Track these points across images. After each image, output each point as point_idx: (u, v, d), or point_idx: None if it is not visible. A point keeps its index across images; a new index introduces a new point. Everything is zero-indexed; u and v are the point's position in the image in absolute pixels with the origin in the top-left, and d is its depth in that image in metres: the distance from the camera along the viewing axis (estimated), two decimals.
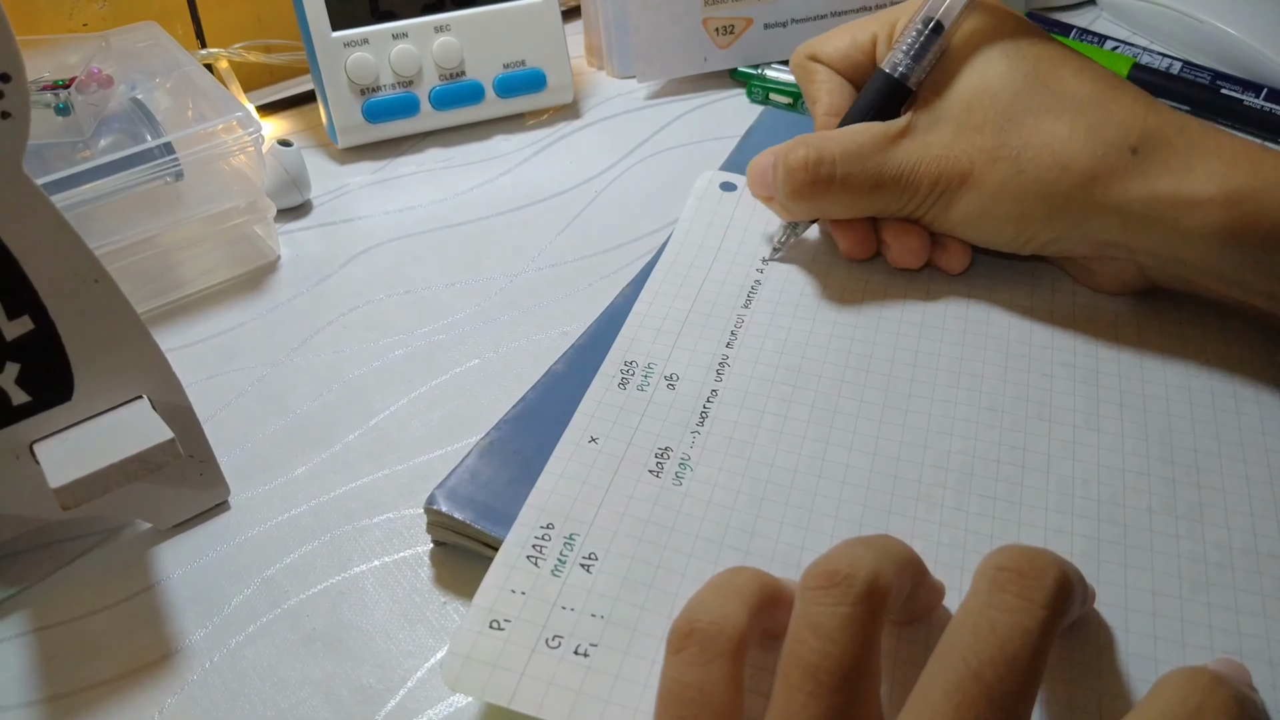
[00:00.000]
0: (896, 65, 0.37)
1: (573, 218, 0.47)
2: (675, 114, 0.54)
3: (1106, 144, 0.34)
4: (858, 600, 0.23)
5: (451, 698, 0.29)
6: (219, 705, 0.29)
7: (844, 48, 0.41)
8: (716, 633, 0.23)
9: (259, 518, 0.34)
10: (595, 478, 0.32)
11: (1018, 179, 0.35)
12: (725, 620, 0.24)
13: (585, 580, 0.29)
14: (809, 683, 0.22)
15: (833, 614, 0.23)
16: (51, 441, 0.29)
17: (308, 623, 0.31)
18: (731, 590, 0.25)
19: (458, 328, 0.41)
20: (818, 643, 0.22)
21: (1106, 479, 0.32)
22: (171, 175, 0.40)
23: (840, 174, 0.37)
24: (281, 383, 0.39)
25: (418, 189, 0.49)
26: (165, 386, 0.31)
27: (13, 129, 0.25)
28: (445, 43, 0.50)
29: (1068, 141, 0.34)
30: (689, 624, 0.24)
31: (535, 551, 0.30)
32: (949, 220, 0.37)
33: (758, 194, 0.40)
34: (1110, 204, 0.34)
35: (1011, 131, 0.35)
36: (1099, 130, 0.34)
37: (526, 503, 0.31)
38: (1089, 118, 0.35)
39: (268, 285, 0.44)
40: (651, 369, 0.36)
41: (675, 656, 0.24)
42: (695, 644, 0.23)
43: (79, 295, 0.28)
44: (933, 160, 0.36)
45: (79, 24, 0.52)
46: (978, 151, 0.36)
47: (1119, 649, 0.28)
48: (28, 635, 0.31)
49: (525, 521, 0.30)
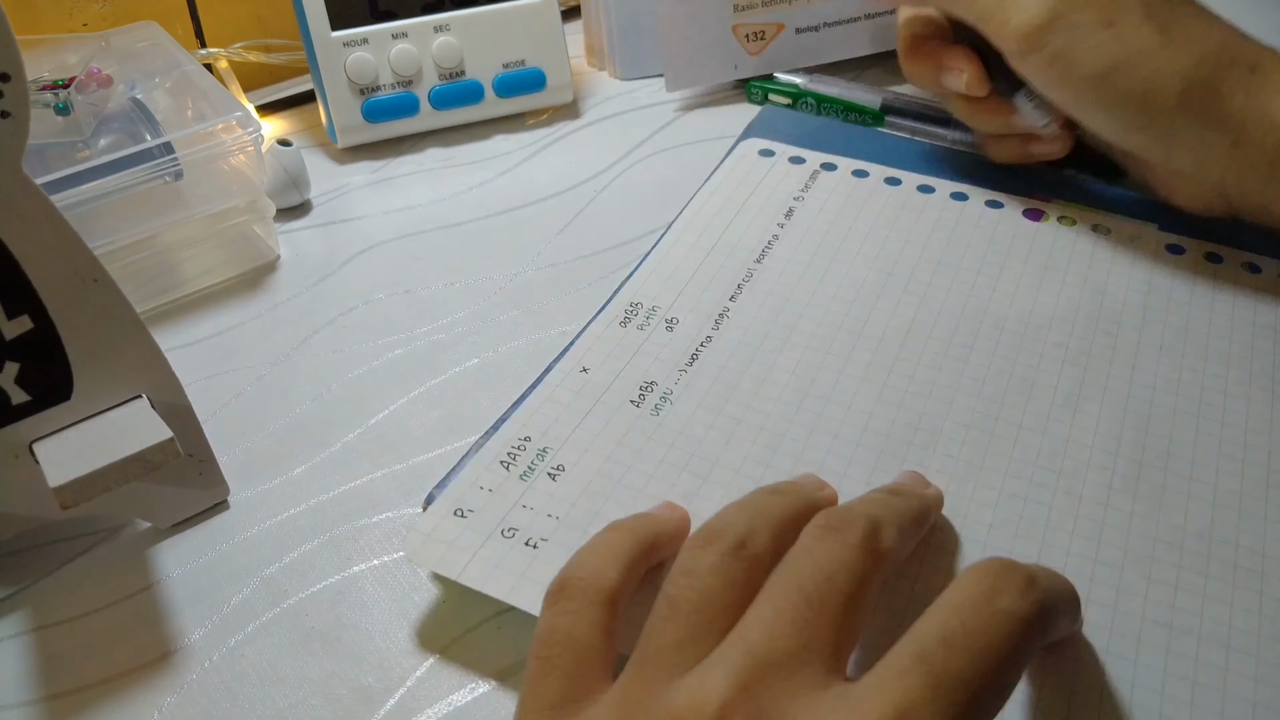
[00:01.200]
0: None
1: (572, 217, 0.47)
2: (675, 114, 0.54)
3: (1233, 57, 0.35)
4: (726, 553, 0.25)
5: (451, 696, 0.29)
6: (218, 704, 0.29)
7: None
8: (587, 587, 0.25)
9: (258, 517, 0.34)
10: (579, 403, 0.34)
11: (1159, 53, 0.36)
12: (597, 576, 0.26)
13: (549, 486, 0.32)
14: (667, 609, 0.24)
15: (703, 560, 0.25)
16: (51, 441, 0.30)
17: (307, 622, 0.31)
18: (606, 549, 0.27)
19: (457, 327, 0.41)
20: (684, 580, 0.25)
21: (1072, 453, 0.33)
22: (171, 175, 0.40)
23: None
24: (281, 382, 0.39)
25: (417, 189, 0.49)
26: (164, 386, 0.31)
27: (12, 128, 0.25)
28: (445, 42, 0.50)
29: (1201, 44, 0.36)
30: (563, 581, 0.26)
31: (508, 458, 0.32)
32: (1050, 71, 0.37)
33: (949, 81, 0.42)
34: (1225, 118, 0.35)
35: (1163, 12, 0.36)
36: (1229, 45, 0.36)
37: (510, 418, 0.34)
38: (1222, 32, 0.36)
39: (267, 285, 0.44)
40: (655, 311, 0.38)
41: (550, 608, 0.25)
42: (566, 597, 0.25)
43: (78, 295, 0.28)
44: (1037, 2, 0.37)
45: (79, 24, 0.52)
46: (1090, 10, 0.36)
47: None
48: (27, 634, 0.31)
49: (504, 434, 0.33)
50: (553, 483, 0.32)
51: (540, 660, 0.24)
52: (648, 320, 0.38)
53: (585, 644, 0.24)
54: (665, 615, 0.24)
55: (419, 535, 0.30)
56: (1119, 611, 0.29)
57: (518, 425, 0.33)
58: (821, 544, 0.25)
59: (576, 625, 0.25)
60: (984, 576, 0.23)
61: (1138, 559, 0.30)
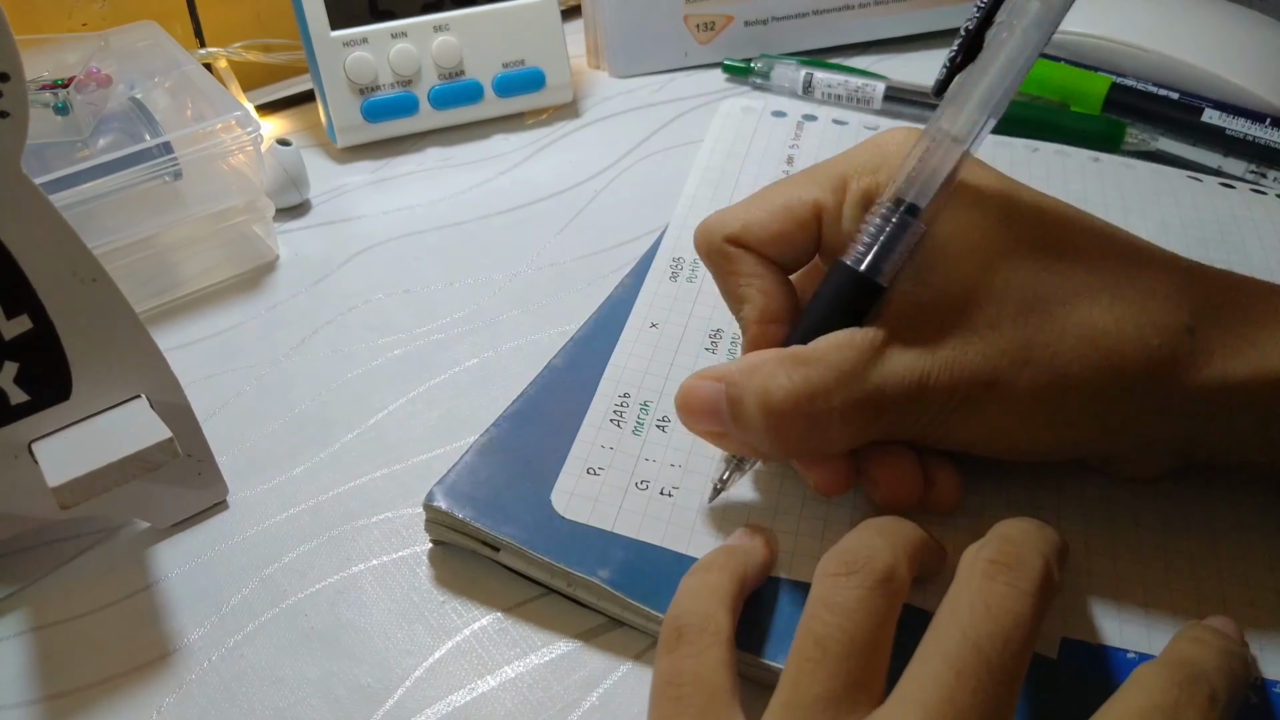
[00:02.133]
0: (861, 259, 0.29)
1: (572, 217, 0.47)
2: (674, 114, 0.54)
3: (1159, 328, 0.28)
4: (874, 586, 0.24)
5: (451, 696, 0.29)
6: (217, 704, 0.29)
7: (776, 226, 0.30)
8: (704, 630, 0.25)
9: (257, 517, 0.34)
10: (660, 355, 0.37)
11: (1059, 384, 0.28)
12: (710, 619, 0.26)
13: (662, 438, 0.34)
14: (818, 652, 0.23)
15: (849, 594, 0.24)
16: (50, 441, 0.29)
17: (306, 622, 0.31)
18: (708, 591, 0.27)
19: (456, 327, 0.41)
20: (830, 617, 0.24)
21: None
22: (170, 175, 0.40)
23: (839, 404, 0.28)
24: (280, 382, 0.39)
25: (417, 188, 0.49)
26: (164, 386, 0.31)
27: (11, 128, 0.25)
28: (444, 42, 0.50)
29: (1113, 333, 0.28)
30: (678, 627, 0.26)
31: (616, 416, 0.34)
32: (969, 436, 0.29)
33: (699, 429, 0.30)
34: (1175, 398, 0.28)
35: (1038, 326, 0.28)
36: (1146, 312, 0.28)
37: (604, 377, 0.36)
38: (1130, 297, 0.28)
39: (266, 285, 0.44)
40: (697, 263, 0.40)
41: (670, 654, 0.25)
42: (686, 641, 0.25)
43: (77, 294, 0.28)
44: (942, 369, 0.28)
45: (78, 23, 0.52)
46: (999, 353, 0.28)
47: None
48: (26, 634, 0.31)
49: (604, 393, 0.35)
50: (663, 434, 0.34)
51: (671, 700, 0.24)
52: (694, 273, 0.40)
53: (714, 683, 0.24)
54: (814, 658, 0.23)
55: (564, 494, 0.32)
56: None
57: (612, 384, 0.35)
58: (994, 588, 0.24)
59: (702, 666, 0.25)
60: (1171, 688, 0.23)
61: None
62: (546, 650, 0.30)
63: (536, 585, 0.31)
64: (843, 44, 0.59)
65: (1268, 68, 0.51)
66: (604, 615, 0.31)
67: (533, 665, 0.30)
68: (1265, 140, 0.49)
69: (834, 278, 0.29)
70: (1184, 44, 0.52)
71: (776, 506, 0.32)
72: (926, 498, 0.31)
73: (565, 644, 0.30)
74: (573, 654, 0.30)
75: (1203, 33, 0.52)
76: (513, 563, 0.31)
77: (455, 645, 0.30)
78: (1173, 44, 0.52)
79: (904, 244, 0.29)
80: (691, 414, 0.30)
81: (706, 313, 0.38)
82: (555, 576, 0.30)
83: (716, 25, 0.56)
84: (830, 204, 0.30)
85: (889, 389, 0.28)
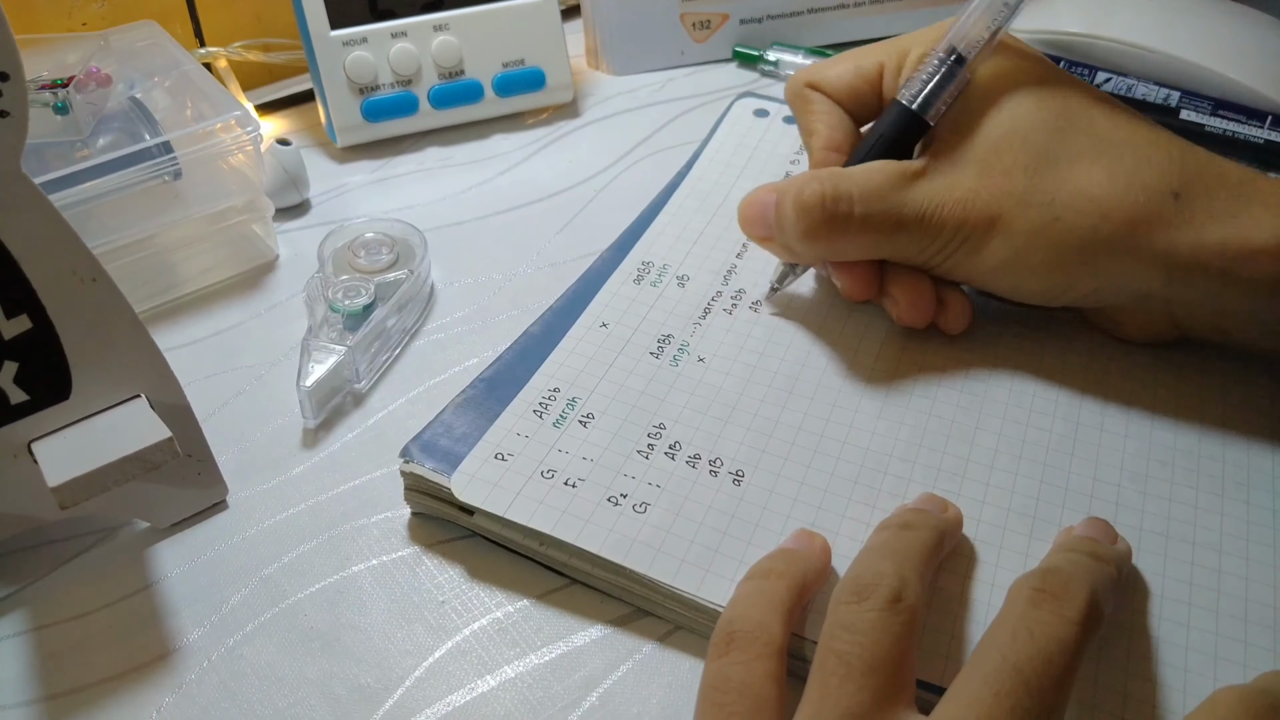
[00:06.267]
0: (915, 97, 0.35)
1: (572, 217, 0.47)
2: (675, 113, 0.54)
3: (1147, 190, 0.32)
4: (886, 607, 0.25)
5: (450, 696, 0.29)
6: (217, 704, 0.29)
7: (848, 77, 0.37)
8: (755, 639, 0.25)
9: (257, 517, 0.34)
10: (602, 355, 0.37)
11: (1053, 226, 0.33)
12: (764, 629, 0.26)
13: (581, 432, 0.34)
14: (842, 667, 0.24)
15: (864, 617, 0.25)
16: (49, 440, 0.29)
17: (305, 622, 0.31)
18: (764, 599, 0.27)
19: (456, 327, 0.41)
20: (850, 636, 0.24)
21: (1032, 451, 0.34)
22: (170, 174, 0.40)
23: (859, 213, 0.34)
24: (280, 382, 0.39)
25: (416, 188, 0.49)
26: (163, 385, 0.31)
27: (11, 128, 0.25)
28: (444, 41, 0.50)
29: (1106, 187, 0.32)
30: (730, 633, 0.26)
31: (541, 407, 0.35)
32: (974, 268, 0.35)
33: (753, 234, 0.37)
34: (1154, 253, 0.32)
35: (1044, 176, 0.33)
36: (1138, 175, 0.32)
37: (539, 371, 0.36)
38: (1126, 162, 0.33)
39: (266, 284, 0.44)
40: (666, 269, 0.41)
41: (720, 660, 0.25)
42: (737, 648, 0.25)
43: (77, 294, 0.28)
44: (957, 202, 0.34)
45: (78, 23, 0.52)
46: (1006, 196, 0.33)
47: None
48: (26, 634, 0.31)
49: (535, 385, 0.35)
50: (584, 429, 0.34)
51: (716, 707, 0.25)
52: (660, 277, 0.40)
53: (760, 694, 0.24)
54: (839, 673, 0.24)
55: (465, 476, 0.32)
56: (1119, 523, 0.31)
57: (546, 377, 0.36)
58: (1039, 615, 0.24)
59: (750, 675, 0.25)
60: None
61: (1134, 476, 0.33)
62: (546, 650, 0.30)
63: (536, 585, 0.32)
64: (838, 42, 0.59)
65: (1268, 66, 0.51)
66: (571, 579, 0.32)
67: (533, 665, 0.30)
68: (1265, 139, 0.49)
69: (888, 113, 0.35)
70: (1185, 43, 0.52)
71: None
72: (938, 319, 0.36)
73: (565, 644, 0.30)
74: (572, 654, 0.30)
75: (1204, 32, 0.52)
76: (486, 527, 0.32)
77: (455, 645, 0.30)
78: (1174, 44, 0.52)
79: (951, 89, 0.35)
80: (746, 219, 0.37)
81: (661, 318, 0.38)
82: (527, 537, 0.31)
83: (712, 24, 0.57)
84: (892, 65, 0.37)
85: (906, 211, 0.34)
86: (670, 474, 0.32)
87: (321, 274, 0.40)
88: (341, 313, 0.39)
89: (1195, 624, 0.29)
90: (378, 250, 0.41)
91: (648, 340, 0.37)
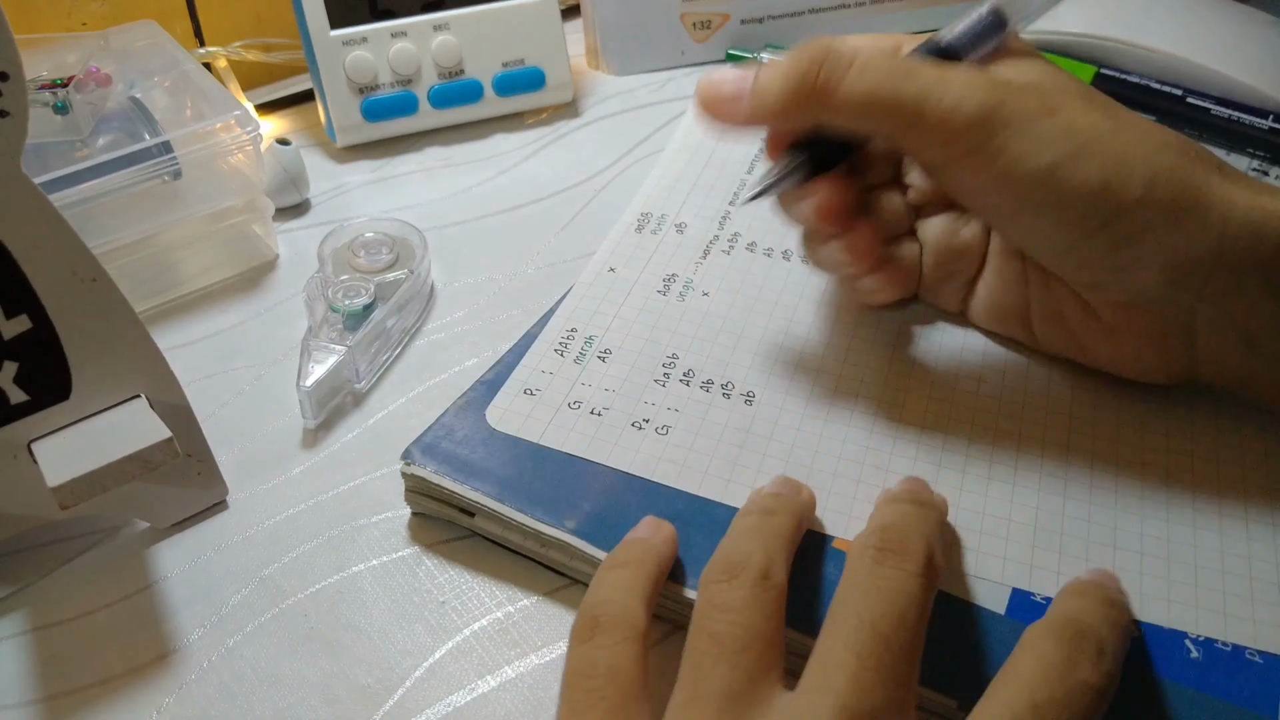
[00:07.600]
0: (951, 42, 0.32)
1: (572, 217, 0.47)
2: (675, 113, 0.54)
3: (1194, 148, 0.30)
4: (755, 585, 0.25)
5: (450, 696, 0.29)
6: (217, 705, 0.29)
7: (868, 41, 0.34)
8: (621, 622, 0.26)
9: (257, 517, 0.34)
10: (612, 296, 0.39)
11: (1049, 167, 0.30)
12: (628, 612, 0.26)
13: (601, 367, 0.36)
14: (715, 647, 0.24)
15: (734, 596, 0.25)
16: (49, 440, 0.29)
17: (306, 622, 0.31)
18: (624, 585, 0.27)
19: (456, 327, 0.41)
20: (722, 615, 0.25)
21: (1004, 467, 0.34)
22: (170, 174, 0.40)
23: (861, 63, 0.30)
24: (279, 382, 0.39)
25: (416, 188, 0.49)
26: (163, 385, 0.31)
27: (11, 128, 0.25)
28: (444, 41, 0.50)
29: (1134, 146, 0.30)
30: (593, 617, 0.26)
31: (561, 347, 0.37)
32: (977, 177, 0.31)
33: (720, 112, 0.33)
34: (1211, 199, 0.29)
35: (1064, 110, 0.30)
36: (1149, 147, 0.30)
37: (555, 314, 0.38)
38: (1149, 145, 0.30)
39: (266, 284, 0.44)
40: (664, 218, 0.43)
41: (585, 644, 0.26)
42: (603, 633, 0.26)
43: (77, 294, 0.28)
44: (964, 85, 0.30)
45: (78, 23, 0.52)
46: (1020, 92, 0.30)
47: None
48: (26, 634, 0.31)
49: (554, 327, 0.38)
50: (603, 364, 0.36)
51: (583, 692, 0.25)
52: (659, 226, 0.43)
53: (628, 677, 0.25)
54: (712, 653, 0.24)
55: (499, 409, 0.34)
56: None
57: (563, 319, 0.38)
58: (884, 572, 0.25)
59: (618, 658, 0.25)
60: (1061, 645, 0.25)
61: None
62: (546, 650, 0.30)
63: (535, 586, 0.32)
64: None
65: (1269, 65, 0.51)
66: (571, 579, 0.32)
67: (533, 665, 0.30)
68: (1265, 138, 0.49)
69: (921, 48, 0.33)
70: (1186, 43, 0.52)
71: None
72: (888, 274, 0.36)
73: (565, 644, 0.30)
74: None
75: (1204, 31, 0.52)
76: (487, 529, 0.32)
77: (455, 645, 0.30)
78: (1175, 43, 0.52)
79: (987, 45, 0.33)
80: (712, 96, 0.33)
81: (664, 260, 0.41)
82: (528, 538, 0.31)
83: (713, 24, 0.57)
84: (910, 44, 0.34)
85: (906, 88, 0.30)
86: (687, 399, 0.35)
87: (321, 274, 0.40)
88: (341, 313, 0.39)
89: None
90: (378, 250, 0.41)
91: (654, 280, 0.40)
